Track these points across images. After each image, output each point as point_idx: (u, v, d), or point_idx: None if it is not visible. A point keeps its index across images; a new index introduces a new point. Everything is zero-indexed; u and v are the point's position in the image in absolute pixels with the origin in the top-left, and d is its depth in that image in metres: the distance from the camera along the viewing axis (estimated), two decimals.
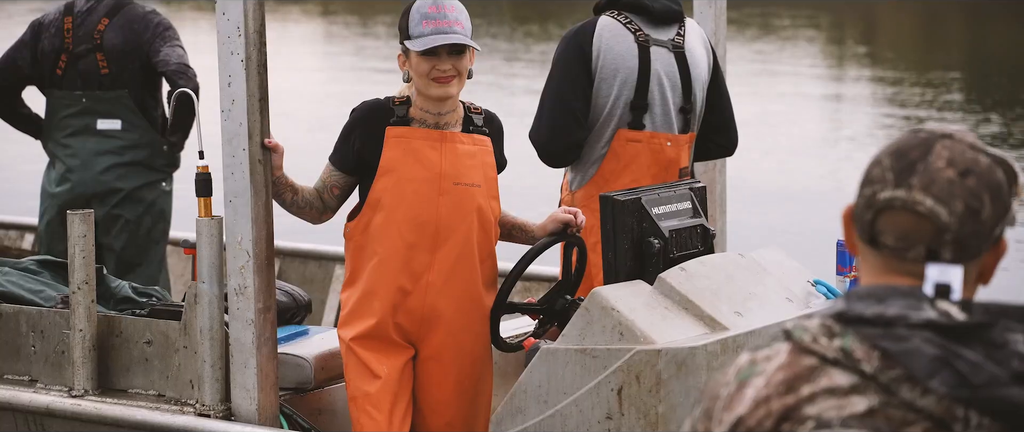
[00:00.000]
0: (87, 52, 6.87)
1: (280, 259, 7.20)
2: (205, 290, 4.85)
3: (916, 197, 2.18)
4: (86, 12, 6.94)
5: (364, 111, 4.93)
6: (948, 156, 2.19)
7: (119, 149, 6.86)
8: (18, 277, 5.39)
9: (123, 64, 6.85)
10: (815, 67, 27.94)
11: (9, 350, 5.27)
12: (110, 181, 6.86)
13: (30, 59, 6.97)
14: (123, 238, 6.88)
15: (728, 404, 2.16)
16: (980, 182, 2.19)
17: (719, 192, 6.43)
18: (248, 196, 4.77)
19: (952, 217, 2.17)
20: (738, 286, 4.87)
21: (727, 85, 5.92)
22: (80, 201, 6.83)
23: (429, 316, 4.91)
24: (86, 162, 6.87)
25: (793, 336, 2.16)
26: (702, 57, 5.73)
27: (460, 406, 4.98)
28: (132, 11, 6.93)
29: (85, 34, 6.88)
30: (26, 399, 5.08)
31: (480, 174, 4.95)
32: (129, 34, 6.86)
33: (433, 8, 4.84)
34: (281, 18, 37.64)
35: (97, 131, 6.88)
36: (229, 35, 4.75)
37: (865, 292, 2.16)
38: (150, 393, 5.07)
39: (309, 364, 5.13)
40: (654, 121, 5.57)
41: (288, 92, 21.33)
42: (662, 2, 5.66)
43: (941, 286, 2.15)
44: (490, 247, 4.99)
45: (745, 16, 38.52)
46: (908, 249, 2.19)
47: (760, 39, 33.55)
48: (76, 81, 6.89)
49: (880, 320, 2.11)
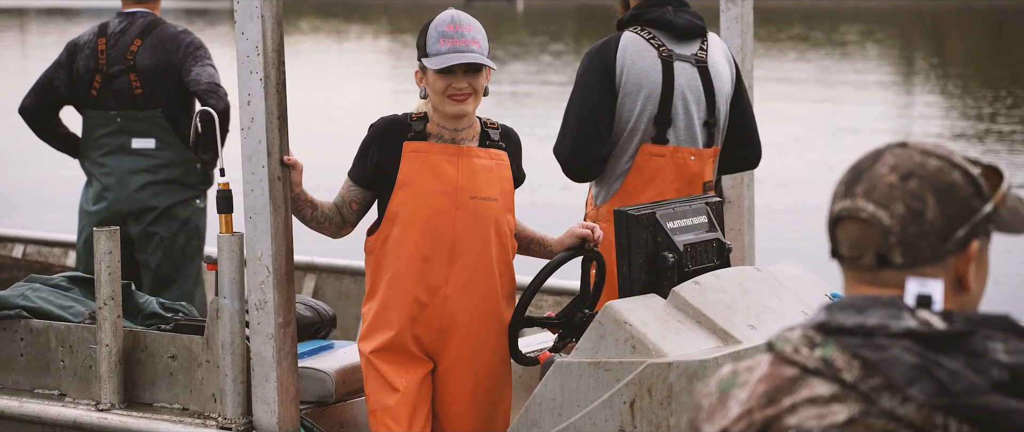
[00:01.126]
0: (121, 72, 6.99)
1: (316, 275, 7.28)
2: (226, 305, 4.93)
3: (858, 204, 2.22)
4: (119, 33, 7.05)
5: (382, 126, 5.00)
6: (893, 162, 2.23)
7: (153, 167, 6.97)
8: (49, 293, 5.49)
9: (156, 84, 6.96)
10: (882, 79, 27.84)
11: (39, 365, 5.37)
12: (145, 199, 6.96)
13: (66, 79, 7.09)
14: (158, 255, 6.98)
15: (710, 415, 2.18)
16: (922, 183, 2.21)
17: (747, 207, 6.47)
18: (268, 212, 4.85)
19: (892, 219, 2.20)
20: (753, 300, 4.90)
21: (751, 99, 5.96)
22: (116, 219, 6.94)
23: (446, 328, 4.97)
24: (121, 180, 6.97)
25: (774, 347, 2.19)
26: (725, 71, 5.77)
27: (477, 418, 5.04)
28: (164, 31, 7.04)
29: (118, 55, 7.00)
30: (54, 413, 5.18)
31: (497, 188, 5.01)
32: (161, 54, 6.96)
33: (451, 27, 4.91)
34: (341, 37, 37.90)
35: (132, 150, 6.99)
36: (248, 54, 4.83)
37: (846, 303, 2.19)
38: (175, 407, 5.15)
39: (330, 378, 5.20)
40: (678, 136, 5.62)
41: (352, 108, 21.47)
42: (685, 17, 5.71)
43: (922, 297, 2.18)
44: (507, 260, 5.05)
45: (814, 31, 38.45)
46: (860, 257, 2.22)
47: (827, 55, 33.46)
48: (110, 101, 7.01)
49: (861, 330, 2.14)
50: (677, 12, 5.71)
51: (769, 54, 34.93)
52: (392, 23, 49.05)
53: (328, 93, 26.68)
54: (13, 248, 7.86)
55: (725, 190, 6.44)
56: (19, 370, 5.41)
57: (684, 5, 5.78)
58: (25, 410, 5.21)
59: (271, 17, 4.83)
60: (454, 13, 4.95)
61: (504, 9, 62.39)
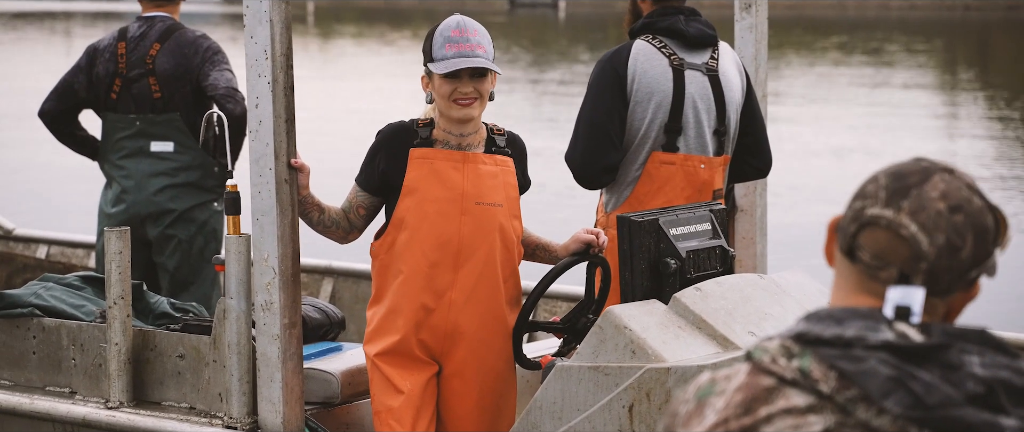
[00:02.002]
0: (140, 76, 7.06)
1: (334, 279, 7.34)
2: (233, 306, 4.99)
3: (902, 220, 2.21)
4: (139, 37, 7.13)
5: (388, 133, 5.05)
6: (943, 189, 2.23)
7: (172, 171, 7.04)
8: (62, 292, 5.56)
9: (174, 88, 7.03)
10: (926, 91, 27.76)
11: (51, 362, 5.44)
12: (163, 202, 7.03)
13: (86, 83, 7.16)
14: (176, 258, 7.05)
15: (686, 422, 2.19)
16: (967, 221, 2.22)
17: (759, 215, 6.49)
18: (274, 215, 4.91)
19: (932, 247, 2.20)
20: (754, 306, 4.93)
21: (760, 108, 5.99)
22: (135, 221, 7.02)
23: (452, 333, 5.02)
24: (140, 183, 7.05)
25: (752, 356, 2.20)
26: (736, 80, 5.80)
27: (482, 421, 5.09)
28: (183, 36, 7.11)
29: (138, 59, 7.07)
30: (64, 410, 5.25)
31: (502, 194, 5.05)
32: (180, 58, 7.04)
33: (456, 32, 4.96)
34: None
35: (150, 153, 7.06)
36: (256, 58, 4.89)
37: (825, 314, 2.21)
38: (182, 406, 5.22)
39: (336, 379, 5.25)
40: (688, 144, 5.65)
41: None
42: (696, 26, 5.75)
43: (901, 308, 2.19)
44: (512, 266, 5.10)
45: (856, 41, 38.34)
46: (881, 268, 2.22)
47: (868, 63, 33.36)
48: (130, 104, 7.08)
49: (838, 341, 2.15)
50: (688, 21, 5.75)
51: (807, 62, 34.90)
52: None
53: (374, 96, 26.79)
54: (37, 249, 7.95)
55: (738, 198, 6.47)
56: (31, 368, 5.49)
57: (695, 14, 5.82)
58: (36, 407, 5.28)
59: (279, 21, 4.89)
60: (460, 18, 5.00)
61: (547, 15, 62.48)
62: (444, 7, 58.75)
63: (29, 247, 7.95)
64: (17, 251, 7.92)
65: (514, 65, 32.80)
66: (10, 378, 5.53)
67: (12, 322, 5.47)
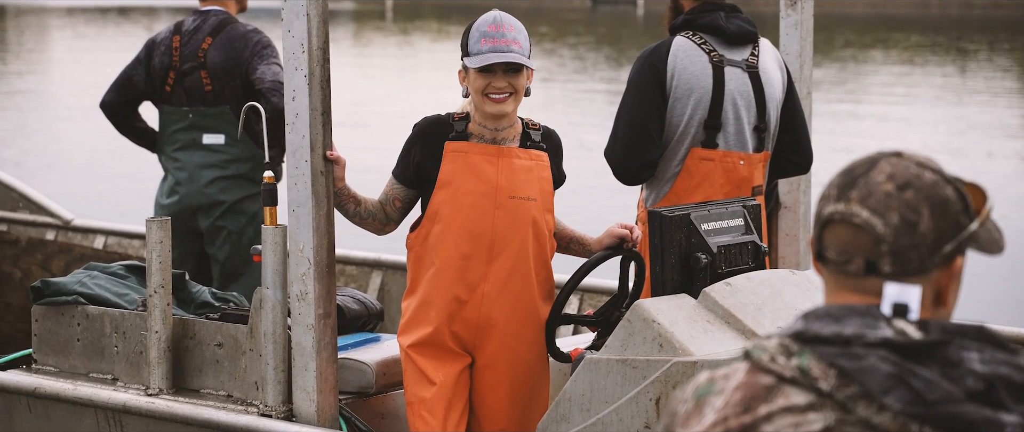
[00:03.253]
0: (192, 69, 7.17)
1: (383, 272, 7.41)
2: (269, 296, 5.07)
3: (853, 209, 2.22)
4: (193, 31, 7.24)
5: (424, 126, 5.11)
6: (890, 171, 2.24)
7: (223, 163, 7.14)
8: (106, 281, 5.66)
9: (225, 81, 7.13)
10: (1010, 92, 27.54)
11: (95, 349, 5.54)
12: (214, 194, 7.14)
13: (144, 75, 7.28)
14: (226, 249, 7.15)
15: (685, 422, 2.20)
16: (919, 195, 2.22)
17: (802, 212, 6.50)
18: (310, 206, 4.97)
19: (887, 228, 2.20)
20: (785, 302, 4.95)
21: (801, 104, 5.99)
22: (186, 213, 7.13)
23: (484, 325, 5.07)
24: (192, 175, 7.15)
25: (751, 355, 2.20)
26: (776, 77, 5.81)
27: (513, 413, 5.13)
28: (234, 30, 7.21)
29: (190, 52, 7.18)
30: (106, 396, 5.34)
31: (536, 188, 5.09)
32: (230, 52, 7.14)
33: (492, 27, 5.01)
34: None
35: (202, 145, 7.17)
36: (293, 51, 4.96)
37: (823, 312, 2.21)
38: (220, 393, 5.30)
39: (371, 369, 5.32)
40: (727, 140, 5.67)
41: None
42: (736, 23, 5.76)
43: (899, 305, 2.20)
44: (545, 259, 5.14)
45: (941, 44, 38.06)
46: (848, 262, 2.23)
47: (949, 62, 33.12)
48: (183, 97, 7.19)
49: (837, 339, 2.16)
50: (729, 18, 5.76)
51: (888, 60, 34.69)
52: None
53: (454, 90, 26.90)
54: (95, 239, 8.07)
55: (781, 195, 6.48)
56: (75, 354, 5.59)
57: (736, 11, 5.83)
58: (78, 393, 5.38)
59: (317, 15, 4.96)
60: (497, 14, 5.05)
61: (628, 12, 62.39)
62: (523, 4, 58.80)
63: (87, 237, 8.07)
64: (75, 241, 8.05)
65: (593, 62, 32.85)
66: (55, 364, 5.64)
67: (58, 309, 5.58)
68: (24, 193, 8.21)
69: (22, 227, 8.15)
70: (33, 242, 8.06)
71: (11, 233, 8.13)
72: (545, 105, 23.76)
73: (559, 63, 32.37)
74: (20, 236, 8.09)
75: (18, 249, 8.06)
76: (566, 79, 29.40)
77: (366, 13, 62.20)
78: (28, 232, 8.14)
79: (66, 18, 54.14)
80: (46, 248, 8.01)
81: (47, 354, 5.66)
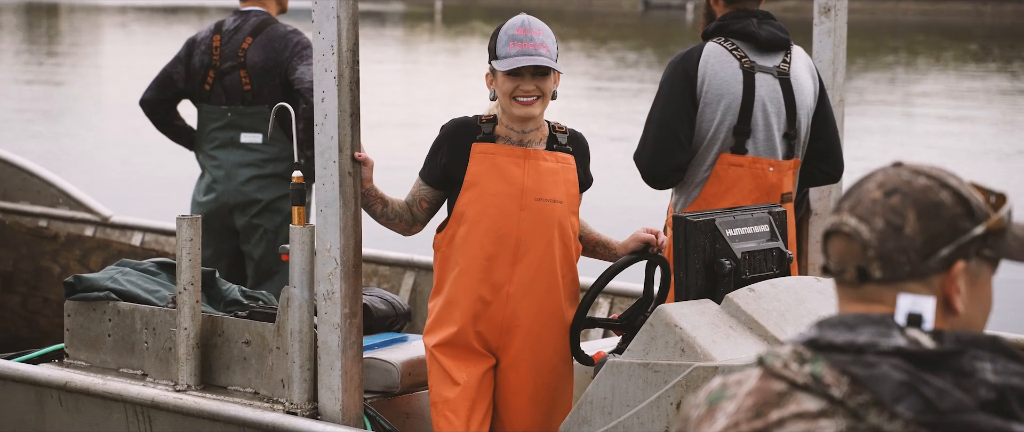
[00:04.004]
0: (232, 69, 7.24)
1: (415, 272, 7.45)
2: (296, 294, 5.12)
3: (843, 219, 2.24)
4: (233, 31, 7.31)
5: (452, 128, 5.15)
6: (881, 179, 2.25)
7: (260, 162, 7.20)
8: (138, 277, 5.73)
9: (264, 81, 7.19)
10: None
11: (125, 345, 5.61)
12: (251, 192, 7.20)
13: (184, 74, 7.36)
14: (262, 247, 7.21)
15: (697, 427, 2.21)
16: (905, 199, 2.22)
17: None
18: (337, 206, 5.02)
19: (872, 233, 2.21)
20: (808, 308, 4.96)
21: (833, 113, 6.00)
22: (223, 211, 7.20)
23: (508, 326, 5.10)
24: (230, 173, 7.22)
25: (764, 362, 2.20)
26: (808, 84, 5.82)
27: (537, 414, 5.16)
28: (274, 30, 7.27)
29: (230, 52, 7.25)
30: (135, 391, 5.40)
31: (562, 191, 5.13)
32: (270, 53, 7.20)
33: (520, 30, 5.04)
34: None
35: (240, 144, 7.23)
36: (323, 53, 5.00)
37: (837, 320, 2.22)
38: (247, 390, 5.35)
39: (396, 369, 5.36)
40: (757, 146, 5.69)
41: None
42: (768, 29, 5.78)
43: (913, 315, 2.19)
44: (570, 261, 5.17)
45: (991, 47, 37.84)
46: (843, 271, 2.24)
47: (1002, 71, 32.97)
48: (222, 96, 7.26)
49: (851, 347, 2.16)
50: (761, 24, 5.78)
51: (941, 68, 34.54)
52: (563, 28, 49.27)
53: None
54: (132, 236, 8.14)
55: (812, 202, 6.49)
56: (106, 350, 5.66)
57: (769, 17, 5.85)
58: (108, 388, 5.44)
59: (347, 17, 5.00)
60: (525, 18, 5.08)
61: (677, 18, 62.34)
62: (572, 6, 58.90)
63: (125, 234, 8.14)
64: (113, 238, 8.12)
65: (648, 66, 32.85)
66: (87, 359, 5.70)
67: (89, 305, 5.64)
68: (63, 189, 8.30)
69: (61, 223, 8.24)
70: (72, 238, 8.14)
71: (50, 229, 8.21)
72: (590, 111, 23.77)
73: (607, 68, 32.42)
74: (59, 232, 8.17)
75: (57, 245, 8.15)
76: (612, 81, 29.40)
77: (415, 15, 62.34)
78: (67, 228, 8.22)
79: (118, 16, 54.49)
80: (84, 244, 8.09)
81: (79, 349, 5.73)
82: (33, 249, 8.20)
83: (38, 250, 8.19)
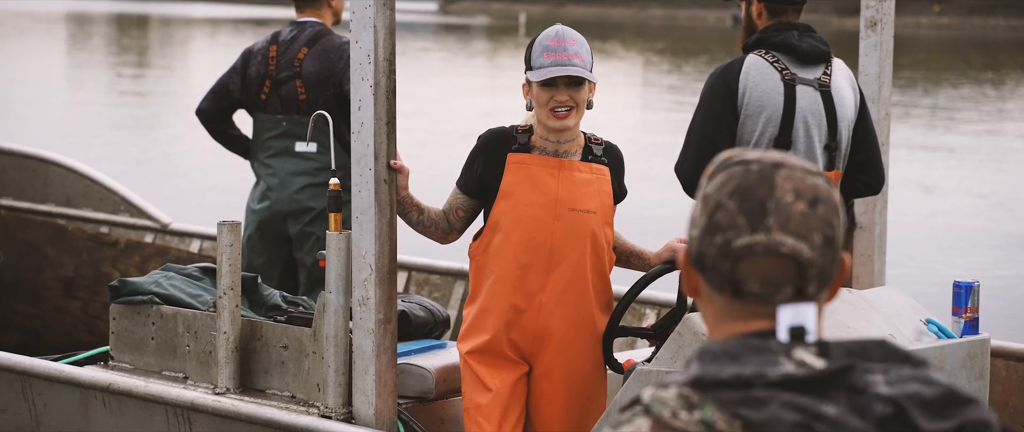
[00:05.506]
0: (288, 79, 7.34)
1: (465, 282, 7.52)
2: (332, 300, 5.19)
3: (776, 238, 2.10)
4: (289, 41, 7.41)
5: (489, 138, 5.21)
6: (792, 187, 2.12)
7: (314, 170, 7.30)
8: (181, 282, 5.83)
9: (319, 91, 7.29)
10: None
11: (168, 348, 5.71)
12: (304, 200, 7.29)
13: (240, 84, 7.47)
14: (314, 254, 7.29)
15: None
16: (829, 208, 2.13)
17: (878, 233, 6.50)
18: (372, 213, 5.09)
19: (814, 252, 2.11)
20: (836, 319, 4.98)
21: (874, 126, 6.00)
22: (277, 218, 7.30)
23: (541, 335, 5.15)
24: (284, 181, 7.32)
25: (652, 411, 2.08)
26: (849, 96, 5.83)
27: (568, 422, 5.21)
28: (330, 41, 7.37)
29: (286, 62, 7.35)
30: (175, 394, 5.50)
31: (596, 202, 5.17)
32: (325, 63, 7.30)
33: (555, 41, 5.10)
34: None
35: (295, 153, 7.33)
36: (360, 62, 5.08)
37: (719, 351, 2.11)
38: (285, 394, 5.43)
39: (431, 375, 5.42)
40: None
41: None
42: (809, 42, 5.79)
43: (796, 329, 2.11)
44: (603, 271, 5.21)
45: None
46: (776, 292, 2.12)
47: None
48: (277, 105, 7.36)
49: (737, 381, 2.05)
50: (802, 37, 5.80)
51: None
52: (646, 42, 49.25)
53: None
54: (191, 243, 8.27)
55: (857, 215, 6.49)
56: (150, 352, 5.76)
57: (809, 30, 5.86)
58: (149, 390, 5.54)
59: (383, 28, 5.08)
60: (559, 28, 5.13)
61: (729, 31, 62.19)
62: (656, 21, 58.84)
63: (183, 241, 8.27)
64: (172, 245, 8.25)
65: None
66: (131, 362, 5.81)
67: (134, 308, 5.75)
68: (125, 196, 8.44)
69: (122, 229, 8.38)
70: (131, 244, 8.27)
71: (111, 235, 8.35)
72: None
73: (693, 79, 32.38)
74: (119, 238, 8.31)
75: (117, 251, 8.28)
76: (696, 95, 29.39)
77: (499, 28, 62.51)
78: (127, 234, 8.36)
79: (207, 27, 55.04)
80: (143, 250, 8.22)
81: (123, 352, 5.84)
82: (94, 255, 8.34)
83: (99, 256, 8.33)
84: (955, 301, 5.36)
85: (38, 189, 8.66)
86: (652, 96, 30.51)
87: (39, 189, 8.65)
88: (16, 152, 8.80)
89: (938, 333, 5.19)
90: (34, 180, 8.68)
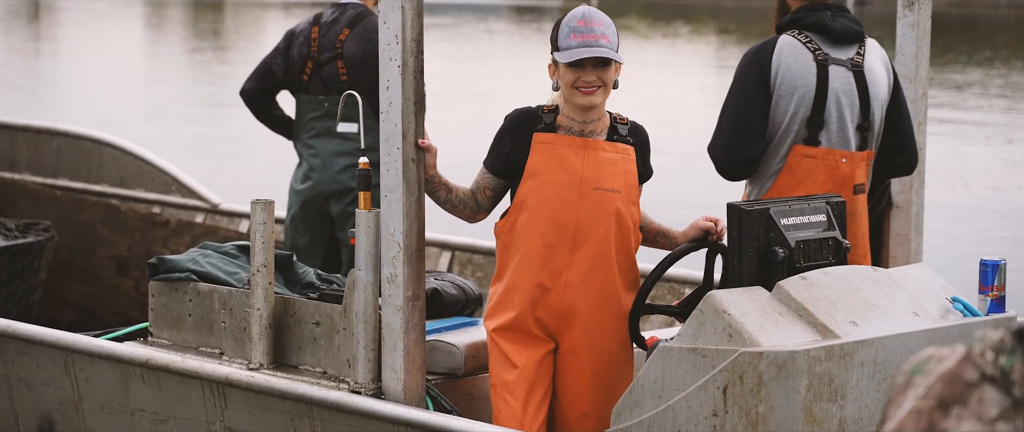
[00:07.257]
0: (329, 60, 7.43)
1: (488, 258, 7.59)
2: (361, 277, 5.27)
3: None
4: (331, 23, 7.50)
5: (515, 118, 5.27)
6: None
7: (356, 151, 7.38)
8: (218, 260, 5.92)
9: (360, 72, 7.37)
10: None
11: (205, 325, 5.81)
12: (346, 180, 7.38)
13: (283, 65, 7.56)
14: None
15: (895, 397, 2.14)
16: None
17: (915, 213, 6.50)
18: (401, 192, 5.16)
19: None
20: (860, 297, 5.00)
21: (908, 106, 6.01)
22: (319, 198, 7.40)
23: (567, 312, 5.21)
24: (326, 162, 7.41)
25: (973, 341, 2.11)
26: (882, 77, 5.85)
27: (595, 399, 5.26)
28: (371, 22, 7.45)
29: (328, 43, 7.44)
30: (210, 369, 5.60)
31: (621, 181, 5.22)
32: (367, 44, 7.38)
33: (581, 22, 5.15)
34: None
35: (337, 133, 7.42)
36: (388, 42, 5.15)
37: None
38: (317, 370, 5.52)
39: (460, 351, 5.49)
40: (830, 138, 5.73)
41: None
42: (842, 22, 5.81)
43: None
44: (628, 250, 5.26)
45: None
46: None
47: None
48: (319, 86, 7.45)
49: None
50: (835, 17, 5.82)
51: None
52: (719, 25, 49.08)
53: (664, 89, 27.04)
54: (240, 223, 8.38)
55: (894, 195, 6.49)
56: (187, 329, 5.86)
57: (843, 10, 5.88)
58: (186, 365, 5.65)
59: (411, 8, 5.14)
60: (586, 9, 5.18)
61: None
62: (729, 4, 58.57)
63: (233, 221, 8.39)
64: (222, 225, 8.37)
65: None
66: (169, 338, 5.92)
67: (172, 285, 5.85)
68: (176, 177, 8.56)
69: (173, 209, 8.51)
70: (182, 224, 8.40)
71: (162, 215, 8.48)
72: None
73: None
74: (171, 218, 8.44)
75: (168, 231, 8.41)
76: None
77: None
78: (178, 215, 8.48)
79: (281, 12, 55.36)
80: (194, 230, 8.35)
81: (162, 328, 5.95)
82: (146, 235, 8.48)
83: (151, 236, 8.46)
84: (982, 279, 5.35)
85: (93, 170, 8.81)
86: (724, 78, 30.44)
87: (93, 170, 8.80)
88: (71, 133, 8.95)
89: (964, 311, 5.20)
90: (89, 161, 8.83)
